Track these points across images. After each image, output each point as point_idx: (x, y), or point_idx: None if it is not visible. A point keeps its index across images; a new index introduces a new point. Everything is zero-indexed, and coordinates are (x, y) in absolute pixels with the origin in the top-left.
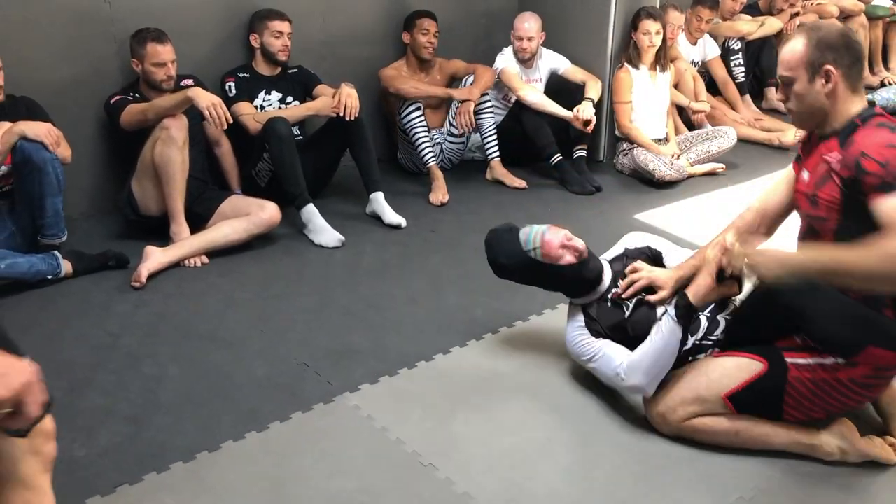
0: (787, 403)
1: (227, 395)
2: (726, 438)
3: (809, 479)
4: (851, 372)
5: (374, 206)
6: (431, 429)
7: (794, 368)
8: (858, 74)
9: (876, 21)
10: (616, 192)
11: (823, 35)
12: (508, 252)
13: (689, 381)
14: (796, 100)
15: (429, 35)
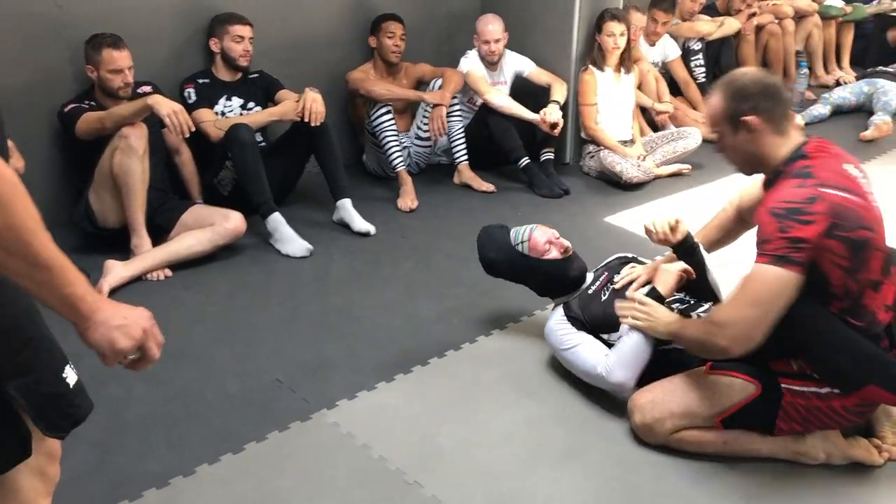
0: (778, 428)
1: (199, 414)
2: (714, 448)
3: (797, 484)
4: (845, 401)
5: (341, 214)
6: (415, 444)
7: (788, 394)
8: (781, 115)
9: (829, 21)
10: (584, 195)
11: (738, 86)
12: (498, 246)
13: (680, 395)
14: (729, 153)
15: (395, 38)
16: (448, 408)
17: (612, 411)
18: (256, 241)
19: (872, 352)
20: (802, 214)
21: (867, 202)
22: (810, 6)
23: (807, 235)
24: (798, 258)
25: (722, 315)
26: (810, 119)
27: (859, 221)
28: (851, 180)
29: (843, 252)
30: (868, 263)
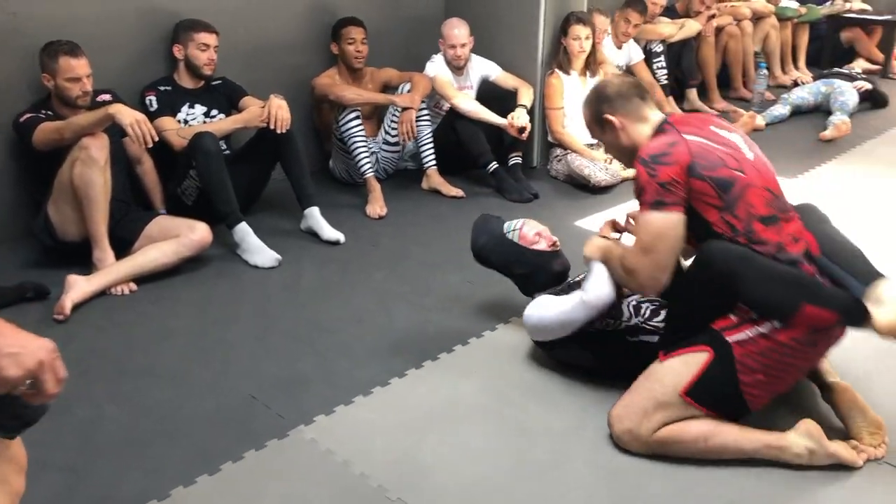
0: (743, 383)
1: (173, 434)
2: (696, 447)
3: (781, 488)
4: (790, 332)
5: (309, 222)
6: (396, 460)
7: (737, 346)
8: (638, 106)
9: (785, 22)
10: (553, 199)
11: (594, 93)
12: (490, 231)
13: (644, 390)
14: (608, 149)
15: (356, 44)
16: (428, 421)
17: (595, 420)
18: (223, 251)
19: (795, 274)
20: (665, 156)
21: (736, 151)
22: (767, 7)
23: (673, 174)
24: (671, 199)
25: (627, 263)
26: (771, 119)
27: (723, 162)
28: (715, 134)
29: (710, 192)
30: (744, 200)
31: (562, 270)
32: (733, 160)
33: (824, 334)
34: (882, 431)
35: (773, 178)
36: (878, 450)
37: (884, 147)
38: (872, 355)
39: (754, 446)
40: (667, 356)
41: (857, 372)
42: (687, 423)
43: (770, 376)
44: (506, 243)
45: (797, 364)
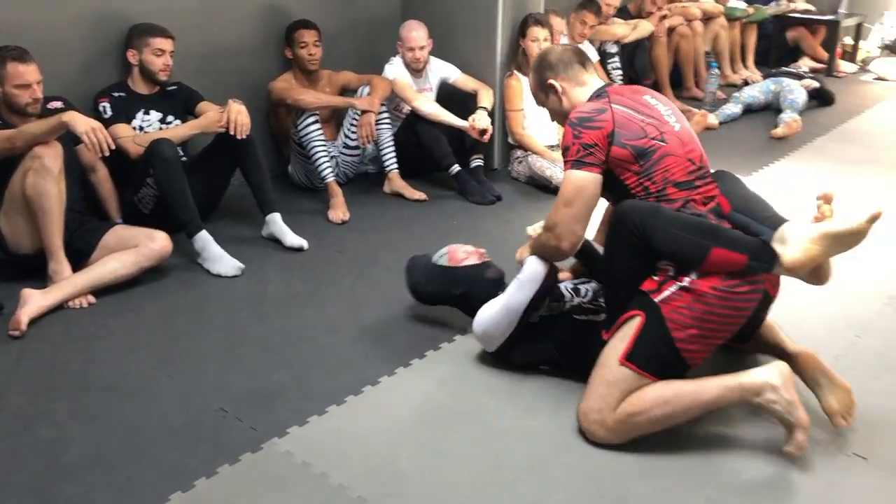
0: (678, 340)
1: (142, 452)
2: (661, 413)
3: (757, 483)
4: (707, 282)
5: (271, 229)
6: (375, 469)
7: (663, 305)
8: (578, 71)
9: (734, 22)
10: (516, 201)
11: (538, 60)
12: (421, 267)
13: (597, 377)
14: (553, 116)
15: (308, 47)
16: (404, 428)
17: (570, 420)
18: (183, 261)
19: (702, 221)
20: (591, 122)
21: (660, 122)
22: (716, 7)
23: (594, 139)
24: (591, 160)
25: (548, 221)
26: (724, 118)
27: (644, 133)
28: (645, 104)
29: (630, 158)
30: (661, 166)
31: (496, 277)
32: (655, 130)
33: (743, 282)
34: (850, 396)
35: (697, 148)
36: (848, 420)
37: (833, 143)
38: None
39: (715, 393)
40: (609, 334)
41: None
42: (641, 391)
43: (702, 329)
44: (437, 270)
45: (725, 313)
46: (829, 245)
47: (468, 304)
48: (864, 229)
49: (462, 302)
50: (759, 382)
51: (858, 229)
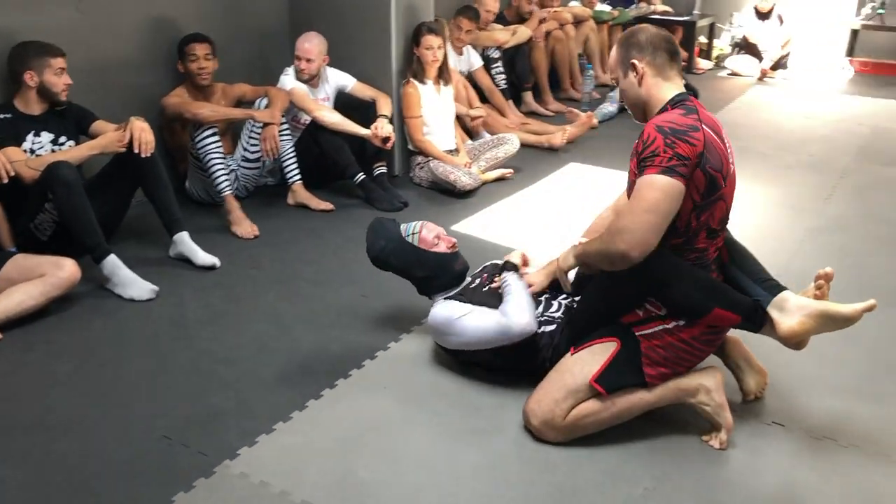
0: (647, 375)
1: (89, 488)
2: (607, 414)
3: (694, 461)
4: (691, 331)
5: (180, 248)
6: (335, 482)
7: (643, 339)
8: (663, 63)
9: (602, 25)
10: (422, 206)
11: (628, 36)
12: (389, 235)
13: (557, 382)
14: (623, 95)
15: (198, 60)
16: (356, 438)
17: (516, 416)
18: (90, 288)
19: (711, 280)
20: (686, 135)
21: (728, 160)
22: (585, 11)
23: (689, 153)
24: (682, 171)
25: (620, 223)
26: (602, 117)
27: (720, 164)
28: (721, 134)
29: (702, 186)
30: (713, 208)
31: (462, 270)
32: (726, 165)
33: (718, 332)
34: (765, 377)
35: (733, 194)
36: (762, 393)
37: None
38: None
39: (658, 394)
40: (577, 350)
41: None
42: (593, 402)
43: (669, 368)
44: (406, 247)
45: (693, 359)
46: (823, 323)
47: (426, 285)
48: (858, 317)
49: (418, 282)
50: (694, 385)
51: (853, 316)
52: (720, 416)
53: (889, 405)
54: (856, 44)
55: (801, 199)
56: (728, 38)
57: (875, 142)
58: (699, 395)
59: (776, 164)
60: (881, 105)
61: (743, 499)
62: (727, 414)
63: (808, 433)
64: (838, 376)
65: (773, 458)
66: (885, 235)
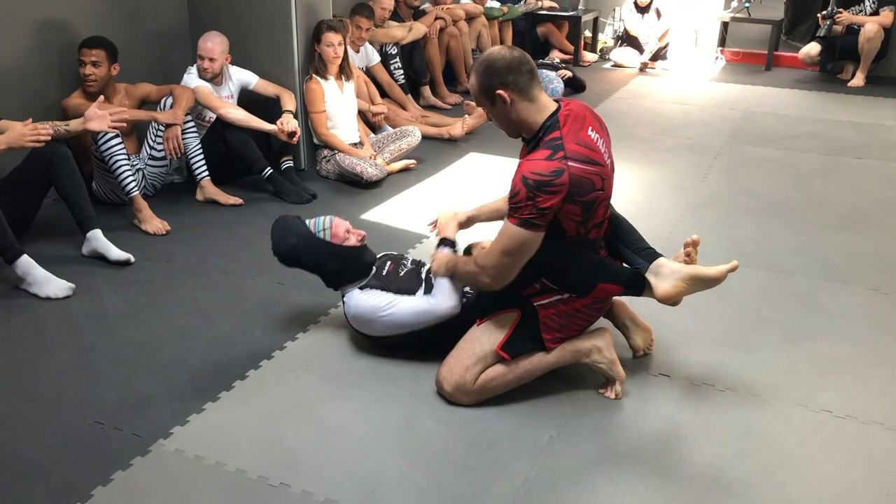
0: (545, 339)
1: (26, 475)
2: (514, 377)
3: (592, 408)
4: (583, 301)
5: (93, 245)
6: (266, 450)
7: (541, 309)
8: (526, 84)
9: (493, 21)
10: (331, 197)
11: (485, 66)
12: (299, 232)
13: (466, 350)
14: (495, 120)
15: (84, 67)
16: (283, 412)
17: (430, 384)
18: (4, 288)
19: (595, 259)
20: (549, 187)
21: (602, 165)
22: (476, 8)
23: (550, 204)
24: (541, 222)
25: (482, 260)
26: None
27: (593, 187)
28: (592, 148)
29: (577, 212)
30: (595, 213)
31: (371, 261)
32: (599, 179)
33: (607, 301)
34: (650, 334)
35: (613, 177)
36: (649, 349)
37: None
38: None
39: (556, 356)
40: (482, 321)
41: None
42: (499, 366)
43: (564, 332)
44: (318, 243)
45: (585, 323)
46: (693, 284)
47: (336, 279)
48: (723, 277)
49: (329, 276)
50: (588, 346)
51: (719, 276)
52: (613, 371)
53: (757, 353)
54: (726, 35)
55: (680, 178)
56: (611, 32)
57: (745, 125)
58: (593, 354)
59: (657, 147)
60: (750, 91)
61: (635, 440)
62: (619, 369)
63: (690, 381)
64: (714, 330)
65: (660, 404)
66: (754, 208)
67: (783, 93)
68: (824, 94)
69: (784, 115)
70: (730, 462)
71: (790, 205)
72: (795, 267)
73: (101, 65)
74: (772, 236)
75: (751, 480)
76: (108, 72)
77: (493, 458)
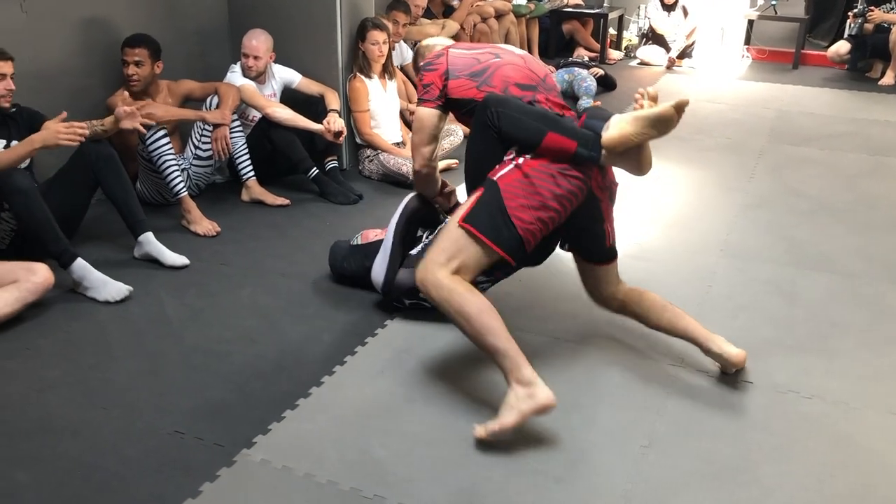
0: (509, 207)
1: (110, 487)
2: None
3: (682, 422)
4: (539, 161)
5: (146, 249)
6: (355, 461)
7: (500, 180)
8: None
9: (520, 18)
10: (376, 198)
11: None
12: (341, 252)
13: (440, 235)
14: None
15: (128, 67)
16: (365, 419)
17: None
18: (60, 292)
19: (545, 111)
20: (430, 65)
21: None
22: (505, 5)
23: (431, 79)
24: (430, 97)
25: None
26: None
27: (476, 61)
28: (483, 46)
29: (466, 83)
30: (499, 73)
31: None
32: (490, 55)
33: (569, 168)
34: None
35: (543, 69)
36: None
37: None
38: None
39: (505, 346)
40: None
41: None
42: (470, 294)
43: (529, 201)
44: (353, 249)
45: (549, 189)
46: (641, 127)
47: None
48: (671, 114)
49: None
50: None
51: (666, 113)
52: (507, 415)
53: (838, 359)
54: (752, 33)
55: (727, 178)
56: (636, 29)
57: (782, 124)
58: (522, 387)
59: (698, 146)
60: (780, 89)
61: (729, 449)
62: (511, 420)
63: (775, 388)
64: (789, 336)
65: (749, 412)
66: (807, 209)
67: (814, 91)
68: (856, 93)
69: (819, 115)
70: (831, 473)
71: (841, 205)
72: (858, 269)
73: (143, 64)
74: (830, 238)
75: (857, 493)
76: (152, 70)
77: (588, 470)
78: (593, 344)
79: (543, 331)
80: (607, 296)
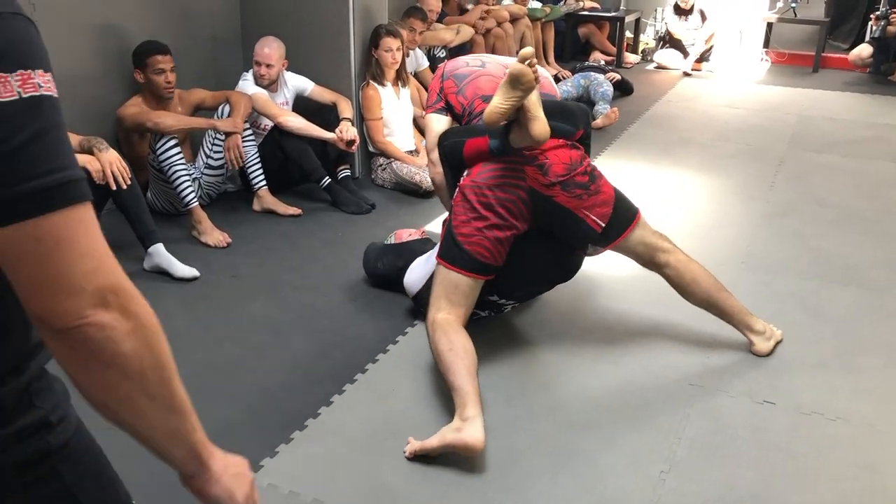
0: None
1: None
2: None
3: (701, 445)
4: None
5: (156, 260)
6: (364, 487)
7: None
8: None
9: (535, 22)
10: (389, 207)
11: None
12: (376, 252)
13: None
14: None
15: (165, 74)
16: (376, 442)
17: (523, 412)
18: None
19: (468, 126)
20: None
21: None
22: (520, 9)
23: (434, 84)
24: (432, 101)
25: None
26: None
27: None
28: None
29: (453, 85)
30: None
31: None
32: (477, 62)
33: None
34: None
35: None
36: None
37: (646, 129)
38: None
39: (460, 383)
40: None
41: None
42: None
43: (466, 213)
44: (386, 249)
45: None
46: (504, 93)
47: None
48: (520, 69)
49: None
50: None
51: (515, 70)
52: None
53: (865, 378)
54: (770, 36)
55: (747, 186)
56: (652, 33)
57: (803, 129)
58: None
59: (718, 153)
60: (800, 94)
61: (752, 474)
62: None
63: (798, 409)
64: (814, 353)
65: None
66: (831, 218)
67: (835, 95)
68: (878, 97)
69: (841, 120)
70: (859, 501)
71: (867, 214)
72: (887, 283)
73: (174, 70)
74: (856, 249)
75: None
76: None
77: (606, 497)
78: (610, 362)
79: (559, 348)
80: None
